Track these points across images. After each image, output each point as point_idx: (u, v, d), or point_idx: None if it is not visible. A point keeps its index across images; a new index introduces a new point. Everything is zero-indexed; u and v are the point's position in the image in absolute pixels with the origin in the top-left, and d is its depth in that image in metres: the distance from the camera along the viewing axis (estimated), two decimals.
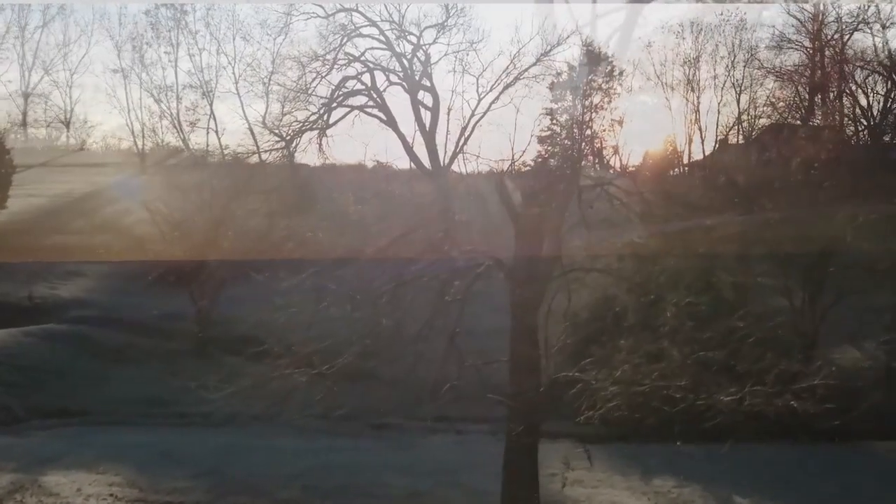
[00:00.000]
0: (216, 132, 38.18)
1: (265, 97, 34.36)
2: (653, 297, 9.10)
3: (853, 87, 32.23)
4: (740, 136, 31.68)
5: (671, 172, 30.68)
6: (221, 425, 15.16)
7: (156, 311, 21.35)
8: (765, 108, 32.32)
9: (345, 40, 18.63)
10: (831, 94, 33.20)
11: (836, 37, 32.40)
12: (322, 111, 17.59)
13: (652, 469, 13.79)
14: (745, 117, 32.40)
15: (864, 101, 31.67)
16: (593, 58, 16.63)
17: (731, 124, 32.24)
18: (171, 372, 18.50)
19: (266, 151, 15.62)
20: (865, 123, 31.26)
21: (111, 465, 13.17)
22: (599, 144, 29.60)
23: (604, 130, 26.65)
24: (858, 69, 31.85)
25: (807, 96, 33.82)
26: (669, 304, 8.96)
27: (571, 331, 9.87)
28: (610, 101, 21.44)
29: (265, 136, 18.37)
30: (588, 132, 21.46)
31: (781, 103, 32.74)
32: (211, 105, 38.51)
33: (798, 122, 33.03)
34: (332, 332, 9.93)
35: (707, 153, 32.16)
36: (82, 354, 19.92)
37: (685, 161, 31.47)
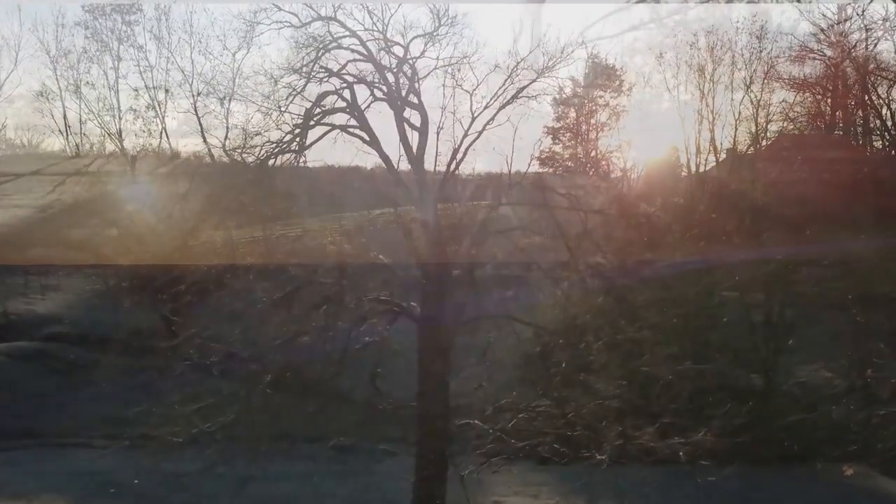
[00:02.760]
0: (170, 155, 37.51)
1: (225, 120, 33.01)
2: (562, 342, 9.48)
3: (875, 98, 32.12)
4: (751, 147, 31.49)
5: (673, 185, 30.85)
6: (180, 447, 15.59)
7: (128, 327, 21.66)
8: (785, 123, 32.18)
9: (321, 52, 18.57)
10: (852, 105, 33.01)
11: (858, 45, 32.24)
12: (296, 131, 17.60)
13: (599, 494, 13.98)
14: (760, 129, 32.28)
15: (885, 112, 31.73)
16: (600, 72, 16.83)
17: (750, 140, 32.08)
18: (138, 391, 18.83)
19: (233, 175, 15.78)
20: (882, 132, 31.19)
21: (51, 496, 13.78)
22: (606, 167, 29.45)
23: (611, 152, 26.35)
24: (882, 79, 31.75)
25: (828, 108, 33.66)
26: (578, 347, 9.44)
27: (494, 371, 10.15)
28: (617, 120, 21.22)
29: (228, 159, 18.40)
30: (593, 153, 21.36)
31: (802, 118, 32.59)
32: (163, 128, 38.23)
33: (815, 133, 33.10)
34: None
35: (712, 166, 32.16)
36: (51, 373, 20.35)
37: (688, 174, 31.47)
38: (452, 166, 21.38)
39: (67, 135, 39.79)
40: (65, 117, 39.35)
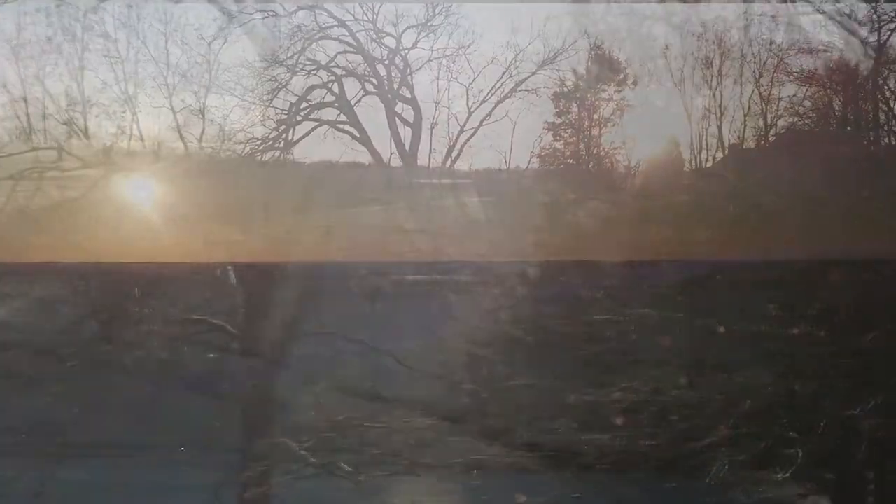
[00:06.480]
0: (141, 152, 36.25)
1: (201, 116, 32.20)
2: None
3: (886, 93, 31.53)
4: (756, 143, 30.88)
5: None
6: (97, 455, 15.15)
7: (75, 333, 21.09)
8: (793, 118, 31.50)
9: (307, 43, 17.84)
10: (861, 98, 32.40)
11: (870, 37, 31.60)
12: (281, 128, 16.92)
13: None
14: (769, 124, 31.67)
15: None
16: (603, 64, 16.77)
17: (756, 135, 31.51)
18: (69, 397, 18.38)
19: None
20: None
21: None
22: (610, 164, 28.62)
23: (615, 149, 25.53)
24: (894, 73, 31.17)
25: (839, 102, 33.05)
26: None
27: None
28: (622, 115, 21.08)
29: (206, 158, 17.65)
30: (595, 150, 21.36)
31: (811, 113, 31.98)
32: (135, 122, 36.57)
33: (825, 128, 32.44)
34: None
35: (717, 161, 31.46)
36: None
37: (691, 170, 30.74)
38: (448, 163, 20.72)
39: (31, 131, 38.75)
40: (27, 113, 38.29)
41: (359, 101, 19.65)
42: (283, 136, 17.77)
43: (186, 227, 12.32)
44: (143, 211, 14.26)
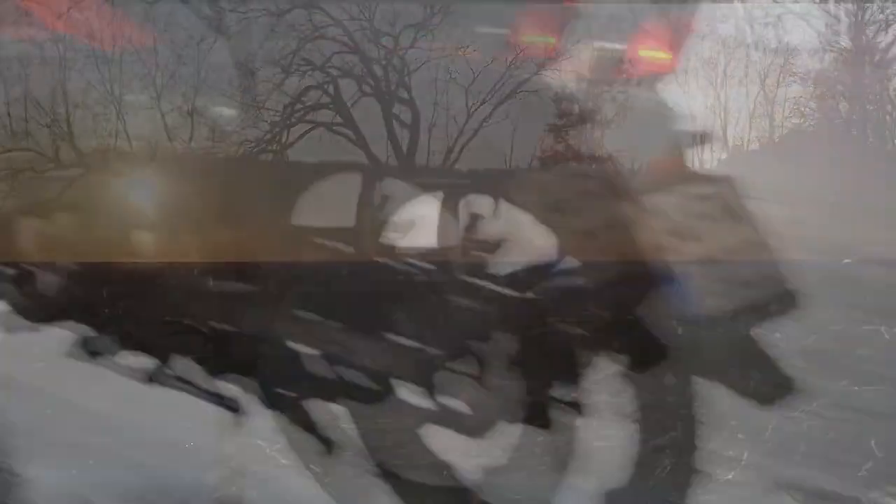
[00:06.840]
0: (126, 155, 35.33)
1: (190, 117, 31.14)
2: None
3: (891, 93, 31.51)
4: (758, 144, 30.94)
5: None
6: (66, 457, 14.72)
7: None
8: (799, 120, 31.55)
9: (302, 43, 17.65)
10: (868, 100, 32.45)
11: (877, 37, 31.50)
12: (276, 130, 16.84)
13: None
14: (775, 125, 31.79)
15: None
16: (606, 64, 15.90)
17: (761, 136, 31.64)
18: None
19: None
20: None
21: None
22: (613, 168, 28.57)
23: (619, 152, 25.41)
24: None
25: (844, 103, 33.06)
26: None
27: None
28: (625, 117, 20.80)
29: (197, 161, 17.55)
30: (598, 153, 20.81)
31: (816, 113, 32.01)
32: (121, 125, 35.57)
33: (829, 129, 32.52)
34: None
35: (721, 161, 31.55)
36: None
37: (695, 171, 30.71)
38: (447, 165, 20.46)
39: (11, 133, 37.83)
40: (9, 115, 37.19)
41: (356, 102, 19.51)
42: (277, 138, 17.73)
43: (171, 227, 12.08)
44: (124, 210, 14.02)
